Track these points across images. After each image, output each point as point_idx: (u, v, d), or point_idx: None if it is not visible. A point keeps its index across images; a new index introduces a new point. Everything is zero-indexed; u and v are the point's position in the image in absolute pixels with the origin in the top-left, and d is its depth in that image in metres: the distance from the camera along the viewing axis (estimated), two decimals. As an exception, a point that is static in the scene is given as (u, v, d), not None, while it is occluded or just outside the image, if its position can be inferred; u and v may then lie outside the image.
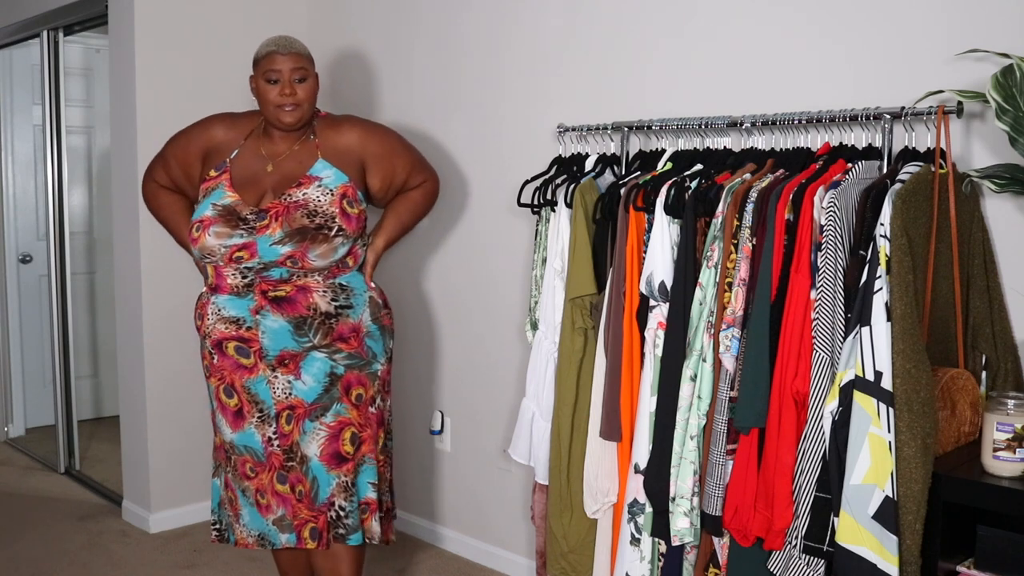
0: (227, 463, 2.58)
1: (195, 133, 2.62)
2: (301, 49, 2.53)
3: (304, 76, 2.50)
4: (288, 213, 2.44)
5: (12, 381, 4.82)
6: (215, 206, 2.47)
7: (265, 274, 2.45)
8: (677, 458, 2.18)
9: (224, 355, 2.50)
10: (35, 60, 4.50)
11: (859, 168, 2.04)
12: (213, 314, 2.50)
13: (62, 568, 3.24)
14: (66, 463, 4.30)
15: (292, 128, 2.52)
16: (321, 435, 2.47)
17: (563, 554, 2.54)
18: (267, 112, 2.51)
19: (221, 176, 2.52)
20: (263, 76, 2.48)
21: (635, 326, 2.32)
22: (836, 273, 1.92)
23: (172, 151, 2.65)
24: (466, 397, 3.35)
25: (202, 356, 2.58)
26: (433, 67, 3.35)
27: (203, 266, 2.54)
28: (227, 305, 2.48)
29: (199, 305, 2.57)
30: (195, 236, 2.47)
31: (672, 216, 2.26)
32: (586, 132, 2.74)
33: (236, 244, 2.43)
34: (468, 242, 3.30)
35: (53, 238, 4.21)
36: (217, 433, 2.60)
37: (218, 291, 2.49)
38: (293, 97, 2.47)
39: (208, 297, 2.53)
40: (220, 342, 2.50)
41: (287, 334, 2.46)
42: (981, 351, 2.05)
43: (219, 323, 2.49)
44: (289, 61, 2.48)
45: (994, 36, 2.02)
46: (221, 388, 2.53)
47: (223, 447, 2.58)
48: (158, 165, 2.70)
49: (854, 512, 1.82)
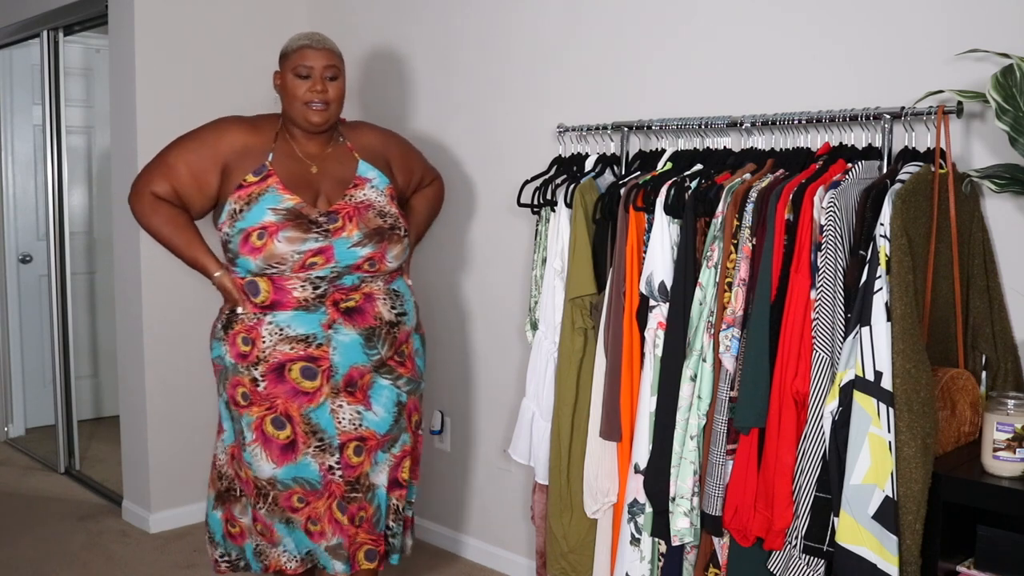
0: (259, 500, 2.37)
1: (209, 138, 2.38)
2: (334, 47, 2.41)
3: (336, 75, 2.38)
4: (360, 214, 2.33)
5: (12, 381, 4.82)
6: (275, 211, 2.27)
7: (338, 282, 2.31)
8: (677, 458, 2.18)
9: (281, 381, 2.29)
10: (35, 60, 4.50)
11: (859, 168, 2.04)
12: (271, 335, 2.29)
13: (62, 568, 3.24)
14: (66, 463, 4.30)
15: (319, 129, 2.38)
16: (389, 465, 2.46)
17: (563, 554, 2.54)
18: (293, 110, 2.36)
19: (266, 180, 2.31)
20: (292, 71, 2.34)
21: (635, 326, 2.32)
22: (836, 273, 1.92)
23: (181, 158, 2.36)
24: (466, 397, 3.35)
25: (231, 384, 2.34)
26: (433, 67, 3.35)
27: (241, 284, 2.31)
28: (292, 322, 2.29)
29: (240, 329, 2.32)
30: (257, 245, 2.24)
31: (672, 216, 2.26)
32: (586, 132, 2.74)
33: (311, 249, 2.26)
34: (468, 242, 3.29)
35: (53, 238, 4.22)
36: (243, 468, 2.36)
37: (278, 307, 2.29)
38: (324, 95, 2.34)
39: (259, 317, 2.30)
40: (282, 365, 2.29)
41: (358, 348, 2.34)
42: (981, 351, 2.05)
43: (281, 344, 2.28)
44: (322, 57, 2.35)
45: (994, 36, 2.02)
46: (268, 419, 2.31)
47: (254, 483, 2.36)
48: (157, 174, 2.37)
49: (854, 512, 1.82)
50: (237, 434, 2.38)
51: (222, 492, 2.48)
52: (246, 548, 2.49)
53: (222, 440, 2.46)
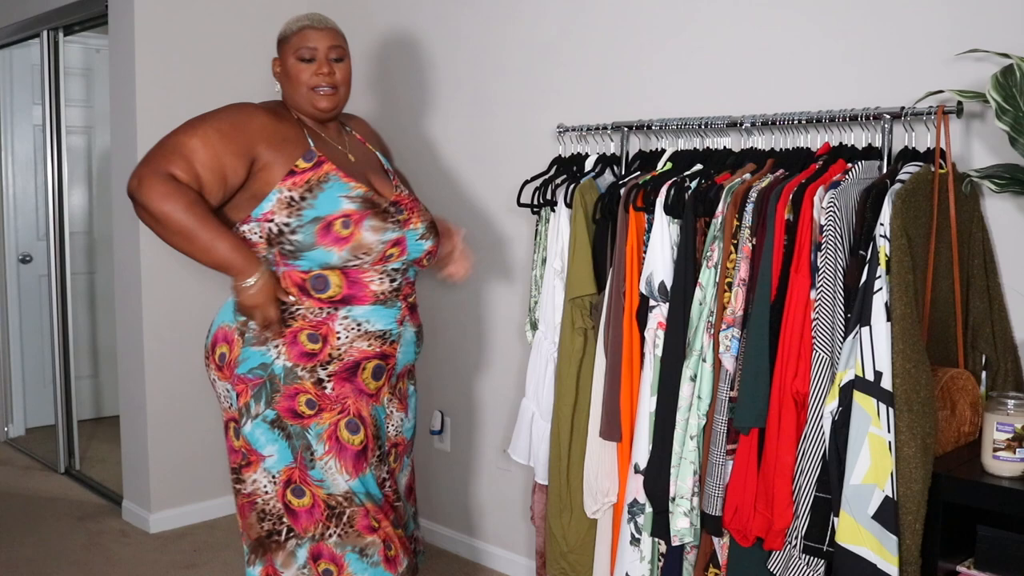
0: (330, 525, 2.07)
1: (237, 121, 2.05)
2: (337, 27, 2.19)
3: (341, 56, 2.16)
4: (417, 206, 2.19)
5: (12, 381, 4.82)
6: (350, 199, 2.05)
7: (408, 275, 2.15)
8: (677, 458, 2.18)
9: (350, 381, 2.08)
10: (35, 60, 4.50)
11: (859, 168, 2.04)
12: (347, 330, 2.06)
13: (62, 568, 3.24)
14: (66, 463, 4.30)
15: (328, 116, 2.17)
16: (408, 471, 2.38)
17: (563, 554, 2.54)
18: (298, 96, 2.14)
19: (321, 166, 2.07)
20: (295, 54, 2.12)
21: (635, 326, 2.32)
22: (836, 273, 1.92)
23: (206, 141, 1.99)
24: (466, 397, 3.35)
25: (286, 395, 2.04)
26: (433, 67, 3.35)
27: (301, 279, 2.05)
28: (371, 317, 2.08)
29: (303, 325, 2.05)
30: (344, 234, 2.02)
31: (672, 216, 2.26)
32: (586, 132, 2.74)
33: (391, 240, 2.08)
34: (468, 242, 3.29)
35: (53, 238, 4.22)
36: (309, 490, 2.05)
37: (354, 301, 2.06)
38: (331, 77, 2.13)
39: (329, 311, 2.05)
40: (357, 364, 2.08)
41: (412, 346, 2.21)
42: (981, 351, 2.05)
43: (359, 340, 2.07)
44: (326, 37, 2.13)
45: (994, 36, 2.02)
46: (343, 423, 2.07)
47: (324, 504, 2.06)
48: (176, 157, 1.97)
49: (854, 512, 1.82)
50: (299, 451, 2.06)
51: (262, 539, 2.11)
52: None
53: (263, 470, 2.07)
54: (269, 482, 2.08)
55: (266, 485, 2.08)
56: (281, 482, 2.07)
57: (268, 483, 2.08)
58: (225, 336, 2.10)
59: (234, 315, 2.08)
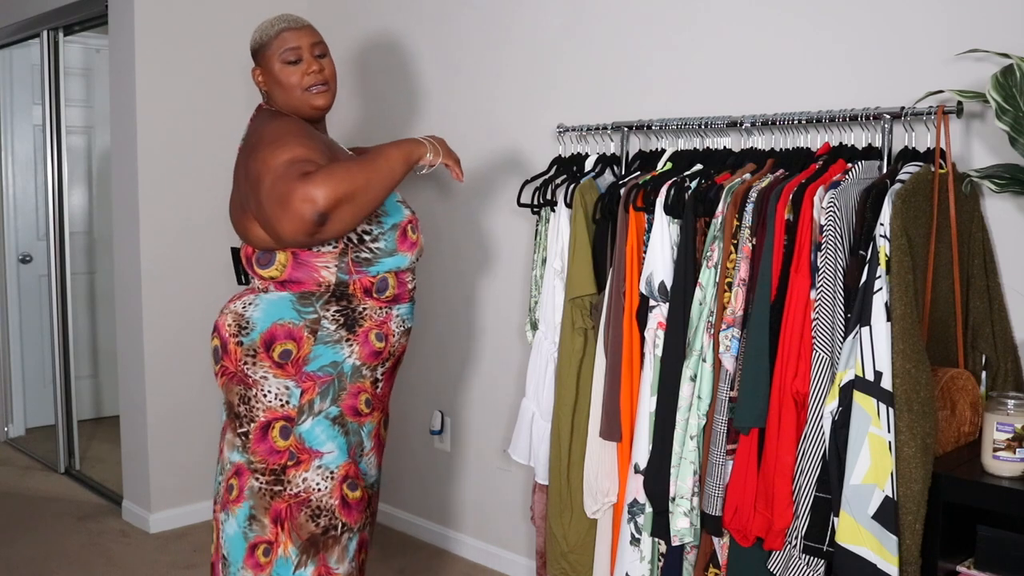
0: (368, 515, 2.19)
1: (302, 128, 2.07)
2: (311, 24, 2.19)
3: (324, 51, 2.15)
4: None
5: (12, 381, 4.82)
6: (402, 203, 2.17)
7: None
8: (677, 458, 2.18)
9: (390, 378, 2.20)
10: (35, 60, 4.50)
11: (859, 168, 2.04)
12: (398, 327, 2.16)
13: (62, 568, 3.24)
14: (66, 463, 4.30)
15: (324, 113, 2.16)
16: None
17: (563, 554, 2.54)
18: (293, 100, 2.11)
19: None
20: (279, 59, 2.09)
21: (635, 326, 2.32)
22: (836, 273, 1.92)
23: (306, 143, 1.99)
24: (466, 397, 3.35)
25: (351, 394, 2.10)
26: (433, 67, 3.35)
27: (370, 283, 2.09)
28: (408, 314, 2.19)
29: (371, 325, 2.10)
30: (413, 239, 2.13)
31: (672, 216, 2.26)
32: (586, 132, 2.74)
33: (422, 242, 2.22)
34: (468, 242, 3.29)
35: (53, 238, 4.22)
36: (359, 484, 2.12)
37: (399, 300, 2.15)
38: (321, 74, 2.11)
39: (387, 311, 2.12)
40: (399, 360, 2.20)
41: None
42: (981, 351, 2.05)
43: (402, 338, 2.18)
44: (306, 35, 2.12)
45: (994, 36, 2.02)
46: (383, 421, 2.21)
47: (366, 499, 2.15)
48: (295, 166, 1.90)
49: (854, 512, 1.82)
50: (353, 447, 2.12)
51: (316, 537, 2.08)
52: None
53: (318, 467, 2.07)
54: (324, 479, 2.08)
55: (320, 482, 2.08)
56: (339, 477, 2.09)
57: (322, 480, 2.08)
58: (289, 333, 2.06)
59: (297, 312, 2.06)
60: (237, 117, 3.52)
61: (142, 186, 3.47)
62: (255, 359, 2.07)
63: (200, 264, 3.59)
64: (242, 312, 2.10)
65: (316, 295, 2.06)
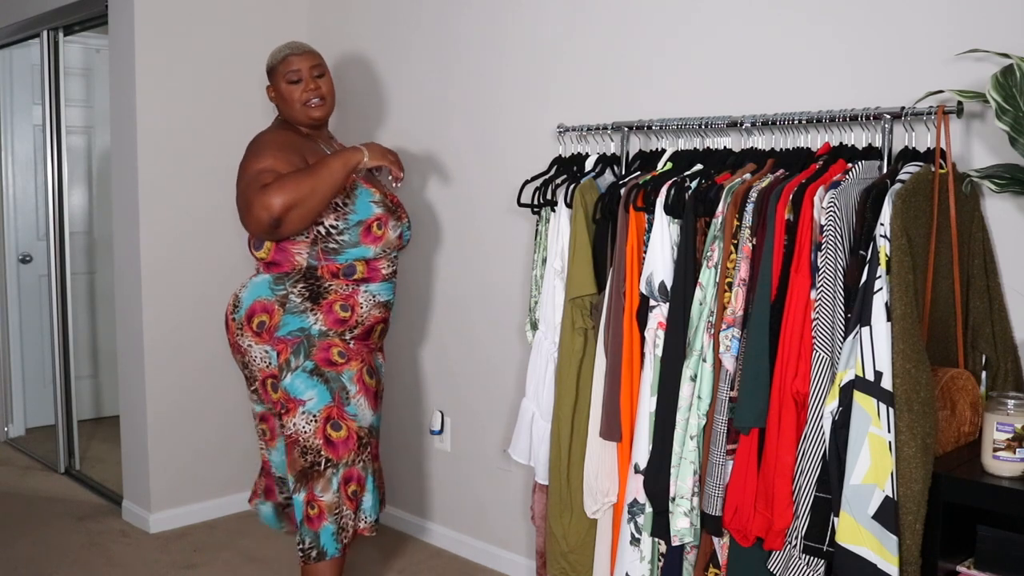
0: (360, 452, 2.60)
1: (281, 139, 2.56)
2: (313, 49, 2.70)
3: (322, 72, 2.68)
4: (402, 203, 2.72)
5: (12, 381, 4.82)
6: (375, 203, 2.58)
7: (397, 257, 2.71)
8: (677, 458, 2.18)
9: (364, 341, 2.63)
10: (35, 60, 4.50)
11: (859, 168, 2.04)
12: (367, 302, 2.60)
13: (62, 568, 3.24)
14: (66, 463, 4.30)
15: (321, 122, 2.68)
16: None
17: (563, 554, 2.54)
18: (294, 113, 2.64)
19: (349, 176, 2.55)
20: (284, 79, 2.62)
21: (635, 326, 2.32)
22: (836, 273, 1.92)
23: (277, 154, 2.48)
24: (466, 397, 3.35)
25: (321, 348, 2.53)
26: (433, 68, 3.35)
27: (338, 268, 2.54)
28: (381, 291, 2.63)
29: (335, 298, 2.55)
30: (378, 234, 2.57)
31: (672, 216, 2.26)
32: (586, 132, 2.74)
33: (400, 234, 2.64)
34: (468, 242, 3.29)
35: (53, 238, 4.21)
36: (346, 424, 2.56)
37: (371, 280, 2.60)
38: (318, 91, 2.64)
39: (353, 287, 2.57)
40: (372, 327, 2.64)
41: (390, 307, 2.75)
42: (981, 351, 2.05)
43: (374, 309, 2.62)
44: (306, 59, 2.65)
45: (994, 36, 2.02)
46: (365, 370, 2.61)
47: (357, 437, 2.58)
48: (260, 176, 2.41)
49: (854, 512, 1.82)
50: (336, 392, 2.56)
51: (305, 470, 2.57)
52: (322, 533, 2.57)
53: (302, 413, 2.54)
54: (307, 423, 2.55)
55: (304, 426, 2.55)
56: (321, 419, 2.55)
57: (306, 424, 2.55)
58: (264, 307, 2.55)
59: (271, 290, 2.55)
60: (236, 117, 3.54)
61: (142, 186, 3.47)
62: (242, 331, 2.58)
63: (200, 264, 3.59)
64: (237, 294, 2.63)
65: (288, 276, 2.55)
